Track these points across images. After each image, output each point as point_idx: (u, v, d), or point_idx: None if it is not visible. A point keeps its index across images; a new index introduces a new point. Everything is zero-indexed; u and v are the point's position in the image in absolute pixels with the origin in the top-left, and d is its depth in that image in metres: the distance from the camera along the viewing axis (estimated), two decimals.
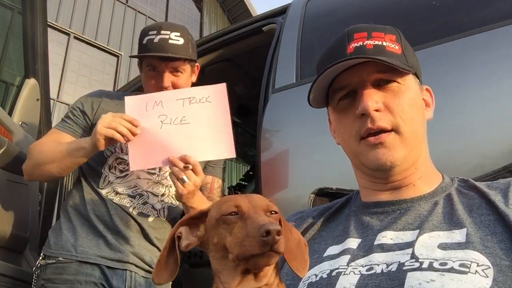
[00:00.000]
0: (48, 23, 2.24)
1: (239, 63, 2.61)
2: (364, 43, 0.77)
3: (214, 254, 0.62)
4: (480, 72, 1.20)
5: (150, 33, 1.46)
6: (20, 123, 1.93)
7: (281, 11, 1.98)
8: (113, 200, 1.44)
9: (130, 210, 1.45)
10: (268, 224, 0.53)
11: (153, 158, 1.29)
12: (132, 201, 1.46)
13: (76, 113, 1.49)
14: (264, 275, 0.60)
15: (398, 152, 0.74)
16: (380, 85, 0.77)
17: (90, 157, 1.38)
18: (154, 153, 1.28)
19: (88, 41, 10.60)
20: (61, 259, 1.37)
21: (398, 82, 0.77)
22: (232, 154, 1.28)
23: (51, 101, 4.83)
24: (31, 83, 2.01)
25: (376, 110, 0.74)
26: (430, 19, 1.44)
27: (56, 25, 9.89)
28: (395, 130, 0.74)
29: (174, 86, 1.47)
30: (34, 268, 1.45)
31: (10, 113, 1.92)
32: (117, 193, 1.45)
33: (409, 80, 0.79)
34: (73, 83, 10.06)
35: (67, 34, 10.26)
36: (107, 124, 1.25)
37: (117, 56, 11.05)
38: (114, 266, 1.39)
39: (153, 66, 1.45)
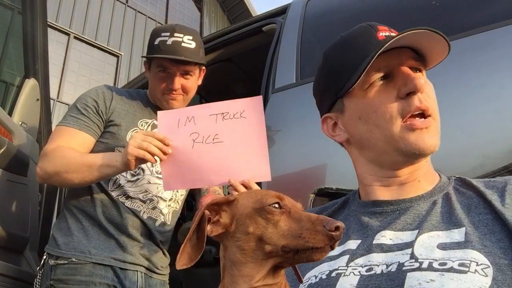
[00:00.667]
0: (48, 23, 2.24)
1: (239, 63, 2.60)
2: (391, 34, 0.78)
3: (243, 244, 0.61)
4: (480, 72, 1.20)
5: (163, 34, 1.45)
6: (20, 123, 1.93)
7: (281, 11, 1.98)
8: (125, 204, 1.44)
9: (141, 214, 1.45)
10: (335, 221, 0.57)
11: (188, 179, 1.24)
12: (142, 206, 1.46)
13: (90, 111, 1.45)
14: (281, 273, 0.61)
15: (437, 139, 0.74)
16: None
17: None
18: (188, 174, 1.23)
19: (88, 41, 10.60)
20: (74, 260, 1.36)
21: (422, 74, 0.78)
22: (268, 178, 1.19)
23: (51, 101, 4.82)
24: (31, 83, 2.01)
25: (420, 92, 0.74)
26: (430, 19, 1.44)
27: (56, 25, 9.89)
28: (432, 115, 0.74)
29: (183, 89, 1.48)
30: (38, 268, 1.43)
31: (10, 113, 1.92)
32: (128, 196, 1.44)
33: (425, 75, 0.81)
34: (73, 83, 10.05)
35: (67, 34, 10.25)
36: (138, 144, 1.21)
37: (117, 56, 11.05)
38: (126, 268, 1.41)
39: (164, 67, 1.45)
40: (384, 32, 0.77)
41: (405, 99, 0.73)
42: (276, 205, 0.61)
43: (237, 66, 2.63)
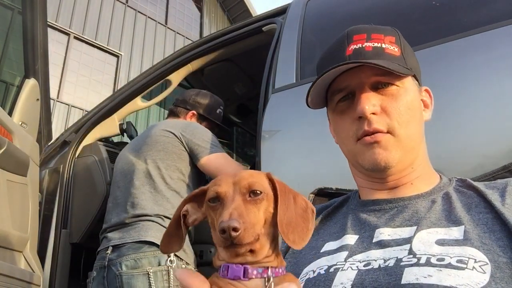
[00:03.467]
0: (48, 23, 2.24)
1: (239, 63, 2.60)
2: (363, 45, 0.78)
3: (212, 231, 0.60)
4: (480, 72, 1.20)
5: None
6: (20, 123, 1.93)
7: (281, 11, 1.98)
8: None
9: None
10: (224, 222, 0.52)
11: None
12: None
13: None
14: (259, 250, 0.56)
15: (393, 153, 0.75)
16: (378, 87, 0.78)
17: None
18: None
19: (88, 41, 10.59)
20: (195, 270, 1.67)
21: (397, 85, 0.78)
22: None
23: (51, 101, 4.81)
24: (31, 83, 2.01)
25: (373, 113, 0.75)
26: (430, 19, 1.44)
27: (56, 25, 9.88)
28: (391, 132, 0.75)
29: None
30: (167, 262, 1.59)
31: (10, 113, 1.91)
32: None
33: (408, 83, 0.79)
34: (73, 83, 10.05)
35: (67, 34, 10.25)
36: None
37: (117, 56, 11.05)
38: None
39: None
40: (356, 45, 0.79)
41: (358, 121, 0.77)
42: (216, 198, 0.58)
43: (237, 66, 2.63)
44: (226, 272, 0.55)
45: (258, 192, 0.57)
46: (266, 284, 0.55)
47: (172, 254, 1.58)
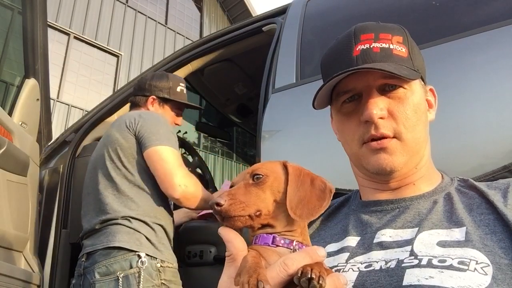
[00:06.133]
0: (48, 23, 2.24)
1: (239, 63, 2.61)
2: (371, 46, 0.76)
3: None
4: (480, 72, 1.20)
5: None
6: (20, 123, 1.93)
7: (281, 11, 1.98)
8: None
9: None
10: (214, 199, 0.59)
11: None
12: None
13: None
14: (274, 223, 0.62)
15: (399, 158, 0.74)
16: (385, 90, 0.76)
17: None
18: None
19: (88, 41, 10.60)
20: (175, 265, 1.67)
21: (404, 88, 0.76)
22: None
23: (51, 101, 4.81)
24: (31, 83, 2.01)
25: (381, 118, 0.74)
26: (430, 19, 1.44)
27: (56, 25, 9.89)
28: (397, 136, 0.74)
29: None
30: (136, 267, 1.56)
31: (10, 113, 1.91)
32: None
33: (415, 85, 0.78)
34: (73, 83, 10.05)
35: (67, 34, 10.25)
36: None
37: (117, 56, 11.05)
38: None
39: None
40: (363, 45, 0.76)
41: (365, 125, 0.76)
42: (231, 186, 0.66)
43: (237, 66, 2.64)
44: (257, 240, 0.61)
45: (260, 175, 0.63)
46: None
47: (143, 255, 1.54)
